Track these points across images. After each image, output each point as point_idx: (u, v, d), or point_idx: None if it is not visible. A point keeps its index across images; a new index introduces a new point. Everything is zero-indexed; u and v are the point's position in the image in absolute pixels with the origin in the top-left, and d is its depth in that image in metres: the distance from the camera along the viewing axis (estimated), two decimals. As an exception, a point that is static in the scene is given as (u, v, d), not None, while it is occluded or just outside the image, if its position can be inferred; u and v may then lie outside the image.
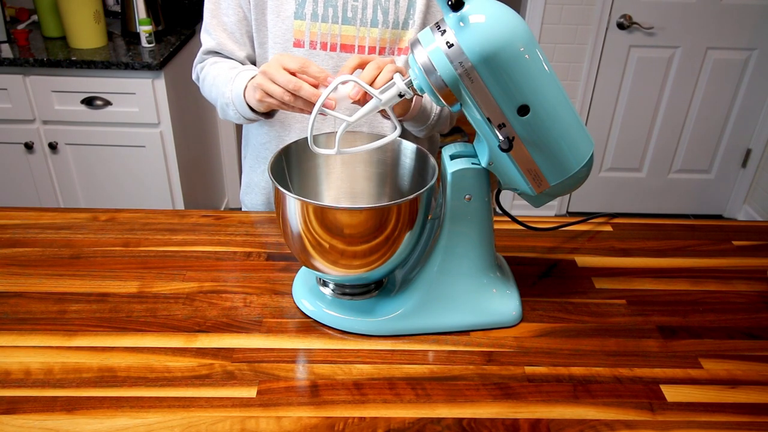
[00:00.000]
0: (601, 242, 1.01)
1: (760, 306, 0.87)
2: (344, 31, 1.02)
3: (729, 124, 2.78)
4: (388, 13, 1.02)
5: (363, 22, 1.02)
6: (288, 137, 1.11)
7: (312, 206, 0.69)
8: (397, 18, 1.02)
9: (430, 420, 0.67)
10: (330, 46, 1.03)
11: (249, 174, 1.22)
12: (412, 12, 1.03)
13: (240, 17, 1.06)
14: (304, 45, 1.03)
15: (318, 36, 1.03)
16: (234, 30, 1.07)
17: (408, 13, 1.03)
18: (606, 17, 2.53)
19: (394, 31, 1.03)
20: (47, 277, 0.88)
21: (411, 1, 1.02)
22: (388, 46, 1.04)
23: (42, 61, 1.95)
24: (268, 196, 1.19)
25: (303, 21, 1.02)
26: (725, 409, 0.69)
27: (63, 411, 0.66)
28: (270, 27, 1.04)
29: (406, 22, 1.03)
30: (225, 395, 0.69)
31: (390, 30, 1.03)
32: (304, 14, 1.01)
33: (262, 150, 1.15)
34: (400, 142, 0.83)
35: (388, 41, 1.04)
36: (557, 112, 0.69)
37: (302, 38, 1.03)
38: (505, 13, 0.64)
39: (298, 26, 1.02)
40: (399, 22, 1.03)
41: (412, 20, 1.03)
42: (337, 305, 0.81)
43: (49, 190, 2.21)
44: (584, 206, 3.00)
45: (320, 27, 1.02)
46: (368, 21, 1.02)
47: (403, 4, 1.02)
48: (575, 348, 0.78)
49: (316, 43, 1.03)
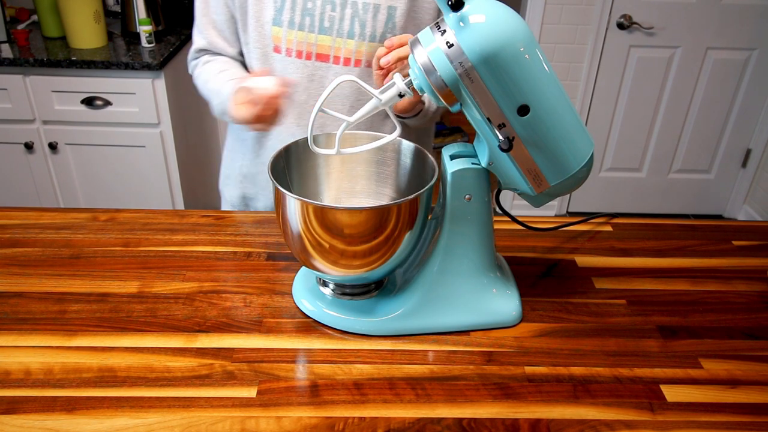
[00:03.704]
0: (601, 242, 1.01)
1: (760, 306, 0.87)
2: (320, 40, 1.02)
3: (729, 124, 2.78)
4: (366, 26, 1.01)
5: (339, 33, 1.02)
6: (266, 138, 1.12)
7: (312, 206, 0.69)
8: (374, 31, 1.02)
9: (430, 420, 0.67)
10: (305, 55, 1.04)
11: (227, 161, 1.23)
12: (391, 26, 1.02)
13: (228, 16, 1.07)
14: (281, 51, 1.04)
15: (294, 44, 1.03)
16: (224, 28, 1.08)
17: (386, 27, 1.02)
18: (606, 17, 2.53)
19: (371, 44, 1.03)
20: (47, 277, 0.88)
21: (390, 15, 1.01)
22: (365, 59, 1.04)
23: (42, 61, 1.95)
24: (243, 192, 1.20)
25: (280, 28, 1.02)
26: (725, 409, 0.69)
27: (63, 411, 0.66)
28: (250, 31, 1.05)
29: (384, 35, 1.02)
30: (225, 395, 0.69)
31: (367, 43, 1.02)
32: (281, 21, 1.02)
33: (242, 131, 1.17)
34: (400, 142, 0.83)
35: (365, 53, 1.03)
36: (557, 112, 0.69)
37: (279, 44, 1.04)
38: (505, 13, 0.64)
39: (275, 32, 1.03)
40: (376, 35, 1.02)
41: (390, 35, 1.02)
42: (337, 305, 0.81)
43: (49, 190, 2.21)
44: (584, 206, 3.00)
45: (296, 35, 1.02)
46: (345, 32, 1.02)
47: (382, 18, 1.01)
48: (575, 348, 0.78)
49: (292, 51, 1.03)
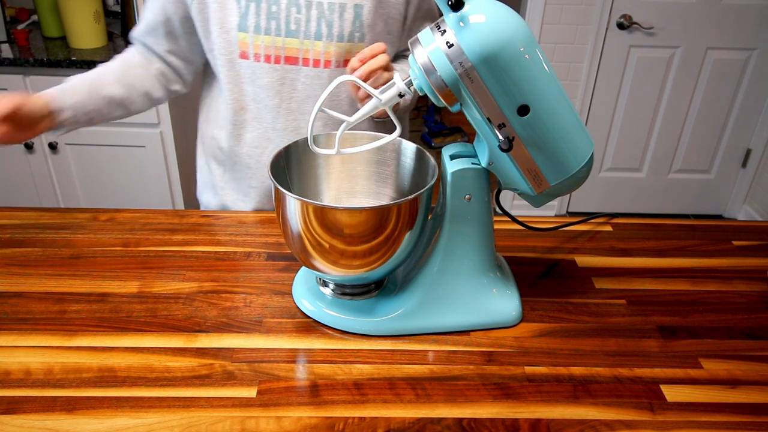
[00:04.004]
0: (601, 242, 1.01)
1: (760, 306, 0.87)
2: (288, 44, 1.01)
3: (729, 124, 2.78)
4: (333, 27, 1.01)
5: (307, 35, 1.01)
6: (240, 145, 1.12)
7: (312, 206, 0.69)
8: (342, 31, 1.01)
9: (430, 420, 0.67)
10: (274, 59, 1.03)
11: (204, 170, 1.22)
12: (358, 24, 1.01)
13: (162, 19, 1.06)
14: (249, 57, 1.03)
15: (262, 48, 1.02)
16: (156, 27, 1.07)
17: (354, 25, 1.01)
18: (606, 17, 2.53)
19: (339, 44, 1.02)
20: (47, 277, 0.88)
21: (357, 14, 1.01)
22: (334, 59, 1.03)
23: (42, 61, 1.95)
24: (223, 199, 1.19)
25: (246, 33, 1.01)
26: (725, 409, 0.69)
27: (63, 411, 0.66)
28: (215, 38, 1.03)
29: (352, 35, 1.02)
30: (225, 395, 0.69)
31: (335, 43, 1.02)
32: (247, 26, 1.00)
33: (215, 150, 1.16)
34: (400, 142, 0.83)
35: (334, 54, 1.03)
36: (557, 112, 0.69)
37: (247, 50, 1.02)
38: (505, 13, 0.64)
39: (242, 38, 1.01)
40: (344, 35, 1.01)
41: (359, 33, 1.02)
42: (337, 305, 0.81)
43: (49, 190, 2.21)
44: (584, 206, 3.00)
45: (263, 40, 1.01)
46: (312, 34, 1.01)
47: (348, 17, 1.01)
48: (575, 348, 0.78)
49: (260, 56, 1.02)
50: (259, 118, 1.08)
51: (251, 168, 1.13)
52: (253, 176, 1.13)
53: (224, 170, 1.17)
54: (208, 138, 1.17)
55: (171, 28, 1.07)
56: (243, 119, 1.09)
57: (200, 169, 1.23)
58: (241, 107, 1.08)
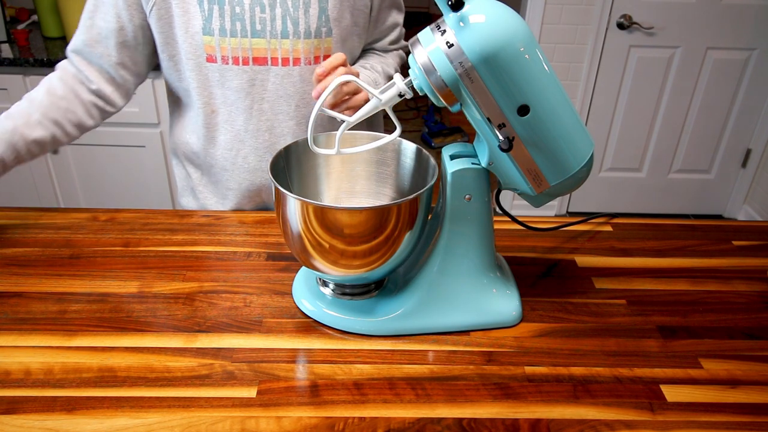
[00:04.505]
0: (601, 242, 1.01)
1: (760, 306, 0.87)
2: (255, 44, 1.01)
3: (729, 124, 2.78)
4: (298, 24, 1.00)
5: (273, 34, 1.00)
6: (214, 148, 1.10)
7: (312, 206, 0.69)
8: (308, 28, 1.01)
9: (430, 420, 0.67)
10: (242, 60, 1.02)
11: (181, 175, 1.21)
12: (324, 19, 1.01)
13: (117, 27, 1.01)
14: (216, 60, 1.01)
15: (229, 51, 1.01)
16: (108, 36, 1.01)
17: (320, 20, 1.01)
18: (606, 17, 2.53)
19: (307, 41, 1.01)
20: (47, 277, 0.88)
21: (322, 9, 1.00)
22: (303, 56, 1.03)
23: (42, 61, 1.95)
24: (203, 203, 1.17)
25: (212, 36, 1.00)
26: (725, 409, 0.69)
27: (63, 411, 0.66)
28: (180, 42, 1.01)
29: (319, 30, 1.01)
30: (225, 395, 0.69)
31: (302, 40, 1.01)
32: (212, 30, 0.99)
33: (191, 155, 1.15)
34: (400, 142, 0.83)
35: (302, 51, 1.02)
36: (557, 112, 0.69)
37: (213, 53, 1.01)
38: (505, 13, 0.64)
39: (207, 41, 1.00)
40: (311, 31, 1.01)
41: (326, 28, 1.01)
42: (337, 305, 0.81)
43: (49, 190, 2.21)
44: (584, 206, 3.00)
45: (230, 42, 1.00)
46: (278, 33, 1.00)
47: (314, 13, 1.00)
48: (575, 348, 0.78)
49: (228, 58, 1.01)
50: (230, 121, 1.07)
51: (227, 170, 1.12)
52: (229, 178, 1.12)
53: (201, 173, 1.16)
54: (181, 143, 1.15)
55: (125, 37, 1.02)
56: (215, 122, 1.08)
57: (177, 174, 1.22)
58: (211, 110, 1.07)
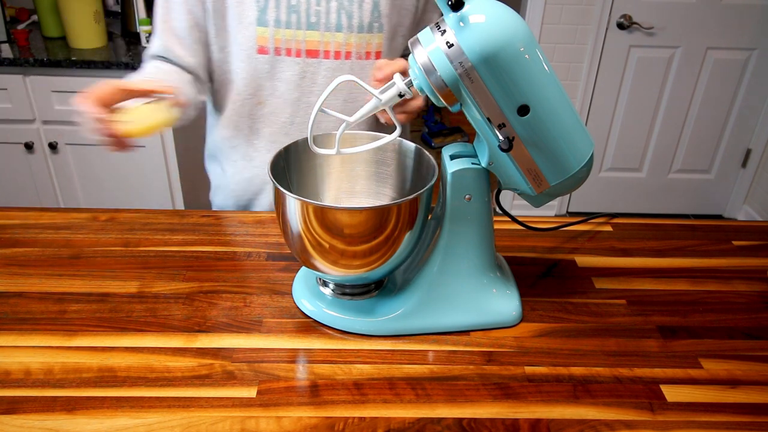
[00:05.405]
0: (601, 242, 1.01)
1: (760, 306, 0.87)
2: (308, 36, 1.01)
3: (729, 124, 2.78)
4: (353, 17, 1.01)
5: (327, 27, 1.01)
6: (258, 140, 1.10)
7: (312, 206, 0.69)
8: (361, 22, 1.01)
9: (430, 420, 0.67)
10: (295, 52, 1.02)
11: (216, 171, 1.20)
12: (377, 15, 1.01)
13: (191, 24, 1.02)
14: (269, 51, 1.02)
15: (282, 42, 1.01)
16: (185, 36, 1.03)
17: (373, 16, 1.01)
18: (606, 17, 2.53)
19: (359, 35, 1.02)
20: (47, 277, 0.88)
21: (375, 4, 1.01)
22: (355, 51, 1.03)
23: (42, 61, 1.95)
24: (238, 199, 1.18)
25: (266, 28, 1.00)
26: (725, 409, 0.69)
27: (63, 411, 0.66)
28: (232, 33, 1.02)
29: (371, 25, 1.02)
30: (225, 395, 0.69)
31: (355, 34, 1.02)
32: (266, 21, 1.00)
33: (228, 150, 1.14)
34: (400, 142, 0.83)
35: (354, 45, 1.03)
36: (557, 112, 0.69)
37: (266, 45, 1.02)
38: (505, 13, 0.64)
39: (261, 33, 1.00)
40: (364, 26, 1.02)
41: (377, 23, 1.02)
42: (337, 305, 0.81)
43: (49, 190, 2.21)
44: (584, 206, 3.00)
45: (284, 33, 1.01)
46: (332, 26, 1.01)
47: (367, 7, 1.01)
48: (575, 348, 0.78)
49: (281, 50, 1.02)
50: (276, 113, 1.08)
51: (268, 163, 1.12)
52: None
53: (240, 168, 1.15)
54: (219, 139, 1.15)
55: (201, 33, 1.03)
56: (260, 114, 1.09)
57: (212, 172, 1.22)
58: (258, 102, 1.08)
